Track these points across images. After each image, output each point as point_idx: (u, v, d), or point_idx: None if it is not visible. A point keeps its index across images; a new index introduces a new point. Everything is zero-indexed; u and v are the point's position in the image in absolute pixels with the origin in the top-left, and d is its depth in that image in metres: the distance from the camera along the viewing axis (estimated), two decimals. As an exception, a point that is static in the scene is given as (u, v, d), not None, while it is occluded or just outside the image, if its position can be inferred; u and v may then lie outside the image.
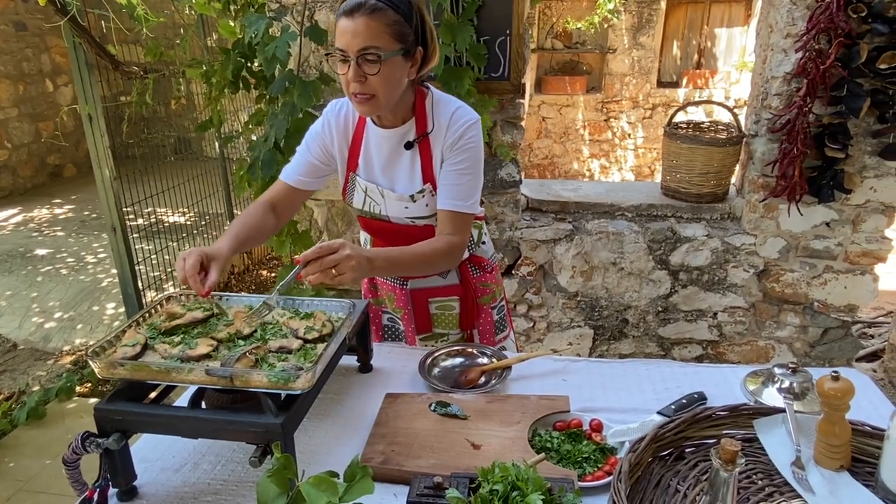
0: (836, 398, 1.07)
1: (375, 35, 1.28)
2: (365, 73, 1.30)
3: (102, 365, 1.09)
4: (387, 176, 1.52)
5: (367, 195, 1.55)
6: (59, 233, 5.38)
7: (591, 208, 2.82)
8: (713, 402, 1.37)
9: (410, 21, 1.33)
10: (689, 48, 7.64)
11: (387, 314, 1.79)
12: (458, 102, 1.50)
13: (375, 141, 1.51)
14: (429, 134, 1.47)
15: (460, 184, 1.46)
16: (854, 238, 2.60)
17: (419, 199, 1.49)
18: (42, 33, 6.78)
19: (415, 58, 1.38)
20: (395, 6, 1.29)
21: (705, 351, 2.92)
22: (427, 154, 1.48)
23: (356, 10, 1.27)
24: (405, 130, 1.48)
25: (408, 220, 1.54)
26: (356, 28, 1.27)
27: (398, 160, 1.50)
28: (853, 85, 2.29)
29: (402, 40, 1.32)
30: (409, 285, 1.68)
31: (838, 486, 1.08)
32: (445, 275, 1.68)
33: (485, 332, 1.78)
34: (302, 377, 1.05)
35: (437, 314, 1.72)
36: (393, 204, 1.52)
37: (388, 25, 1.29)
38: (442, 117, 1.46)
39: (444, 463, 1.15)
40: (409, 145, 1.47)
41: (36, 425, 2.95)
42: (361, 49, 1.28)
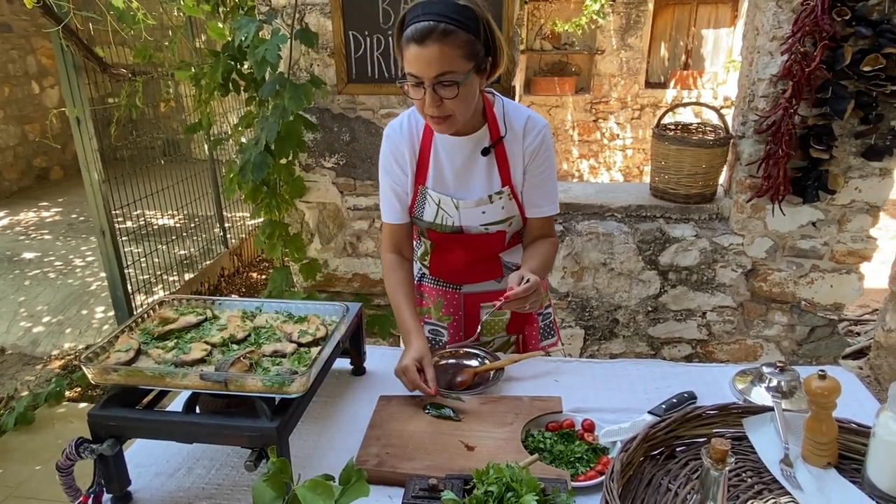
0: (823, 396, 1.09)
1: (450, 60, 1.26)
2: (441, 98, 1.30)
3: (96, 371, 1.09)
4: (461, 183, 1.51)
5: (441, 208, 1.52)
6: (47, 236, 5.33)
7: (581, 209, 2.84)
8: (703, 401, 1.39)
9: (480, 36, 1.31)
10: (676, 49, 7.70)
11: (429, 325, 1.74)
12: (527, 108, 1.52)
13: (446, 150, 1.49)
14: (503, 138, 1.48)
15: (548, 189, 1.53)
16: (840, 238, 2.64)
17: (496, 200, 1.49)
18: (28, 35, 6.72)
19: (485, 69, 1.37)
20: (465, 26, 1.27)
21: (695, 350, 2.95)
22: (503, 158, 1.48)
23: (427, 36, 1.24)
24: (479, 137, 1.47)
25: (482, 227, 1.53)
26: (430, 56, 1.25)
27: (473, 166, 1.50)
28: (838, 87, 2.32)
29: (474, 58, 1.30)
30: (463, 290, 1.67)
31: (826, 483, 1.09)
32: (500, 279, 1.67)
33: (530, 337, 1.76)
34: (296, 381, 1.06)
35: (488, 321, 1.69)
36: (468, 213, 1.51)
37: (461, 48, 1.27)
38: (516, 123, 1.47)
39: (438, 464, 1.16)
40: (486, 151, 1.47)
41: (25, 431, 2.93)
42: (437, 76, 1.27)
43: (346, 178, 2.89)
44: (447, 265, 1.64)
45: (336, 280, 3.08)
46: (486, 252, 1.61)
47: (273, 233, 2.59)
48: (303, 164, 2.88)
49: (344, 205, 2.94)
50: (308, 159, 2.87)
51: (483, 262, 1.63)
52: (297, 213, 2.93)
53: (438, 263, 1.66)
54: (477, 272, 1.64)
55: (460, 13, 1.27)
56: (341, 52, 2.60)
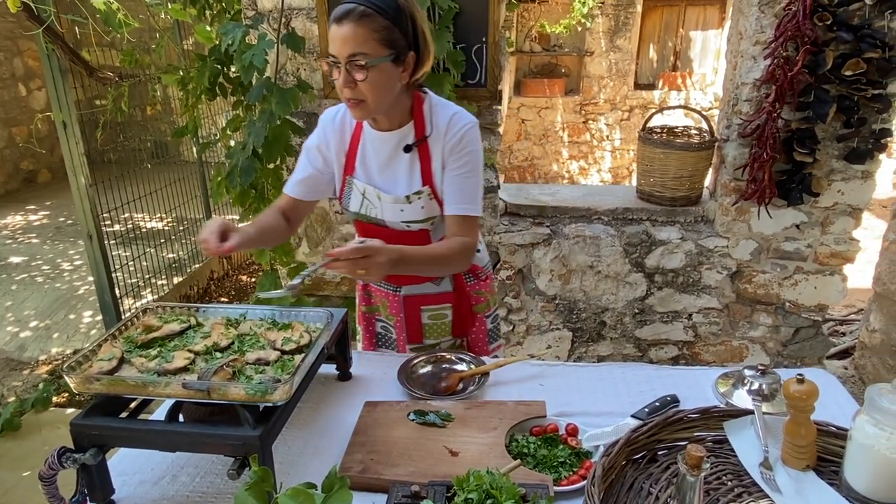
0: (801, 400, 1.11)
1: (363, 41, 1.30)
2: (354, 79, 1.32)
3: (78, 380, 1.09)
4: (384, 178, 1.53)
5: (365, 197, 1.55)
6: (34, 240, 5.29)
7: (569, 212, 2.85)
8: (685, 404, 1.40)
9: (401, 26, 1.34)
10: (665, 51, 7.75)
11: (380, 322, 1.79)
12: (456, 107, 1.52)
13: (373, 144, 1.52)
14: (427, 137, 1.48)
15: (465, 187, 1.50)
16: (823, 240, 2.67)
17: (415, 200, 1.50)
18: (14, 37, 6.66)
19: (406, 63, 1.38)
20: (383, 12, 1.31)
21: (681, 351, 2.97)
22: (426, 157, 1.49)
23: (345, 16, 1.29)
24: (404, 133, 1.49)
25: (403, 224, 1.54)
26: (345, 34, 1.29)
27: (396, 162, 1.51)
28: (820, 91, 2.34)
29: (392, 46, 1.33)
30: (403, 292, 1.69)
31: (804, 486, 1.11)
32: (439, 282, 1.69)
33: (477, 340, 1.78)
34: (279, 389, 1.06)
35: (430, 324, 1.72)
36: (389, 207, 1.53)
37: (376, 31, 1.30)
38: (440, 121, 1.48)
39: (422, 471, 1.16)
40: (408, 148, 1.49)
41: (11, 437, 2.91)
42: (350, 55, 1.30)
43: (334, 181, 2.89)
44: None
45: (324, 284, 3.07)
46: None
47: (261, 237, 2.58)
48: (290, 169, 2.87)
49: (332, 209, 2.94)
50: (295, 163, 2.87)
51: None
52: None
53: None
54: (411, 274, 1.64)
55: (383, 1, 1.31)
56: (328, 56, 2.59)
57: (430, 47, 1.43)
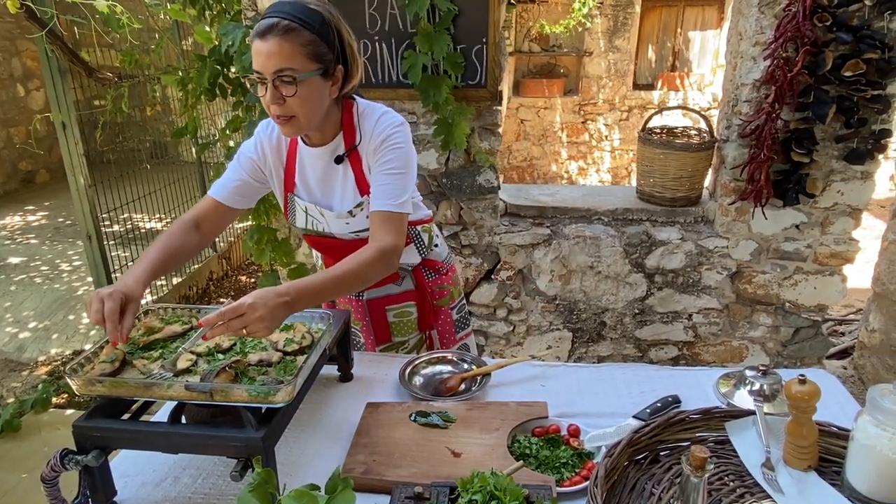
0: (803, 401, 1.11)
1: (289, 56, 1.26)
2: (282, 95, 1.28)
3: (80, 382, 1.09)
4: (324, 193, 1.51)
5: (308, 214, 1.54)
6: (33, 240, 5.28)
7: (569, 213, 2.86)
8: (687, 404, 1.40)
9: (327, 40, 1.31)
10: (663, 51, 7.75)
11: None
12: (384, 108, 1.49)
13: (309, 160, 1.50)
14: (357, 146, 1.46)
15: (388, 183, 1.43)
16: (823, 240, 2.67)
17: (358, 213, 1.49)
18: (12, 37, 6.65)
19: (335, 76, 1.36)
20: (309, 26, 1.27)
21: (681, 352, 2.97)
22: (358, 165, 1.47)
23: (269, 31, 1.25)
24: (335, 146, 1.47)
25: (352, 234, 1.54)
26: (270, 49, 1.25)
27: (332, 176, 1.49)
28: (819, 92, 2.35)
29: (319, 60, 1.30)
30: (365, 296, 1.69)
31: (807, 486, 1.11)
32: (400, 282, 1.69)
33: (444, 332, 1.80)
34: (282, 391, 1.06)
35: (396, 322, 1.74)
36: (334, 221, 1.52)
37: (303, 46, 1.27)
38: (367, 126, 1.45)
39: (424, 472, 1.16)
40: (339, 159, 1.46)
41: (11, 438, 2.90)
42: (276, 71, 1.26)
43: (334, 182, 2.89)
44: None
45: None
46: None
47: (261, 238, 2.58)
48: (290, 169, 2.87)
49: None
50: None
51: None
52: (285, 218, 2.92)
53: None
54: None
55: (307, 14, 1.28)
56: (328, 56, 2.59)
57: (358, 61, 1.41)
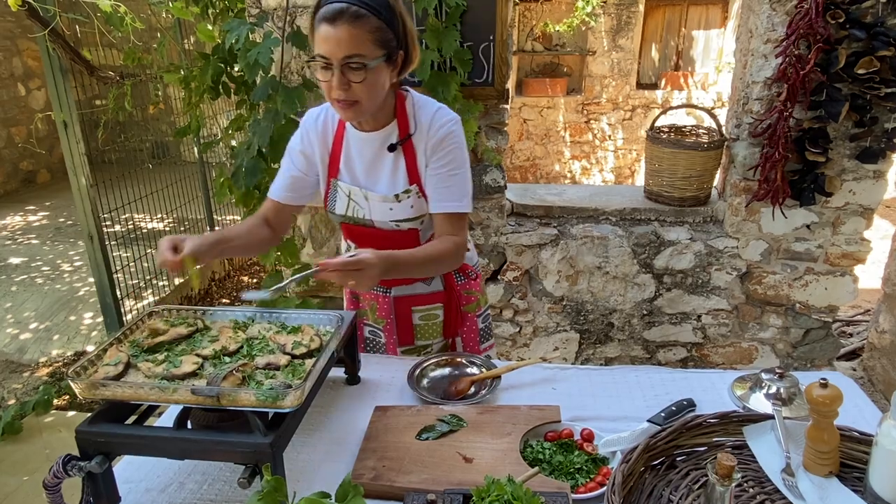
0: (824, 405, 1.08)
1: (359, 43, 1.27)
2: (349, 81, 1.30)
3: (84, 386, 1.06)
4: (370, 178, 1.51)
5: (351, 199, 1.53)
6: (34, 241, 5.26)
7: (576, 213, 2.83)
8: (701, 408, 1.37)
9: (392, 26, 1.32)
10: (667, 50, 7.72)
11: (368, 326, 1.76)
12: (438, 104, 1.50)
13: (357, 145, 1.50)
14: (411, 136, 1.46)
15: (452, 184, 1.47)
16: (834, 240, 2.64)
17: (404, 198, 1.48)
18: (13, 36, 6.63)
19: (396, 62, 1.37)
20: (377, 12, 1.28)
21: (690, 353, 2.94)
22: (411, 156, 1.47)
23: (339, 17, 1.26)
24: (388, 133, 1.47)
25: (392, 223, 1.52)
26: (339, 36, 1.26)
27: (381, 162, 1.49)
28: (832, 90, 2.31)
29: (385, 46, 1.32)
30: (393, 293, 1.67)
31: (828, 493, 1.08)
32: (430, 282, 1.67)
33: (469, 339, 1.77)
34: (291, 395, 1.03)
35: (421, 325, 1.71)
36: (377, 206, 1.51)
37: (371, 32, 1.28)
38: (423, 119, 1.46)
39: (435, 478, 1.13)
40: (392, 147, 1.47)
41: (12, 440, 2.87)
42: (346, 57, 1.27)
43: (338, 181, 2.86)
44: None
45: (329, 285, 3.04)
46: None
47: (265, 238, 2.55)
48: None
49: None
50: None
51: None
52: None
53: None
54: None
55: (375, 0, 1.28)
56: (333, 54, 2.56)
57: (417, 46, 1.42)
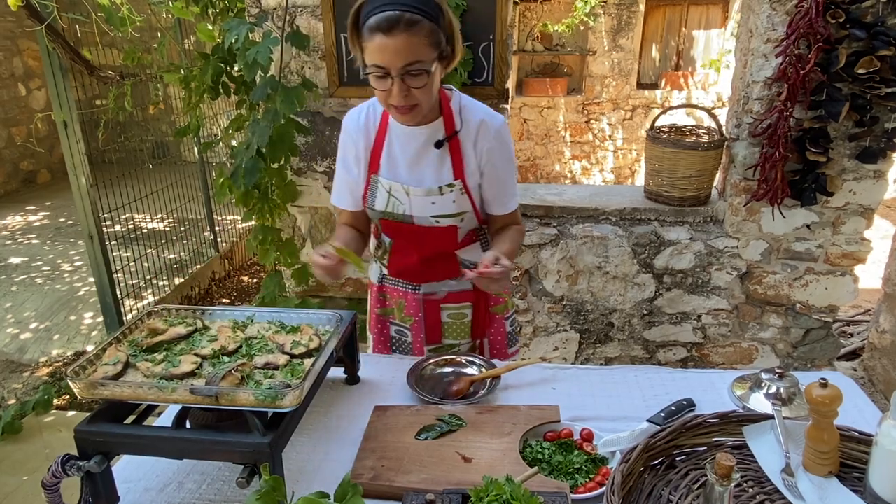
0: (824, 405, 1.08)
1: (418, 49, 1.28)
2: (409, 87, 1.31)
3: (82, 385, 1.06)
4: (413, 173, 1.52)
5: (391, 195, 1.53)
6: (34, 240, 5.26)
7: (576, 212, 2.82)
8: (701, 407, 1.37)
9: (442, 25, 1.33)
10: (667, 50, 7.72)
11: (394, 325, 1.75)
12: (484, 106, 1.53)
13: (400, 140, 1.50)
14: (458, 133, 1.48)
15: (508, 185, 1.56)
16: (834, 240, 2.64)
17: (447, 192, 1.49)
18: (14, 36, 6.64)
19: (446, 59, 1.38)
20: (428, 15, 1.29)
21: (690, 353, 2.94)
22: (457, 152, 1.49)
23: (394, 26, 1.25)
24: (434, 129, 1.48)
25: (432, 219, 1.53)
26: (397, 45, 1.26)
27: (425, 157, 1.50)
28: (832, 89, 2.31)
29: (439, 46, 1.33)
30: (422, 290, 1.67)
31: (828, 493, 1.08)
32: (459, 279, 1.67)
33: (496, 342, 1.76)
34: (289, 395, 1.03)
35: (449, 322, 1.70)
36: (418, 201, 1.51)
37: (427, 37, 1.29)
38: (472, 119, 1.48)
39: (434, 477, 1.13)
40: (439, 144, 1.48)
41: (12, 440, 2.87)
42: (406, 65, 1.28)
43: (338, 181, 2.86)
44: (404, 262, 1.64)
45: (328, 285, 3.04)
46: (439, 247, 1.59)
47: (266, 238, 2.55)
48: (294, 169, 2.85)
49: (336, 209, 2.90)
50: (300, 163, 2.84)
51: (439, 260, 1.62)
52: (290, 218, 2.89)
53: (396, 261, 1.66)
54: (434, 270, 1.64)
55: (422, 2, 1.28)
56: (332, 54, 2.57)
57: (460, 39, 1.42)
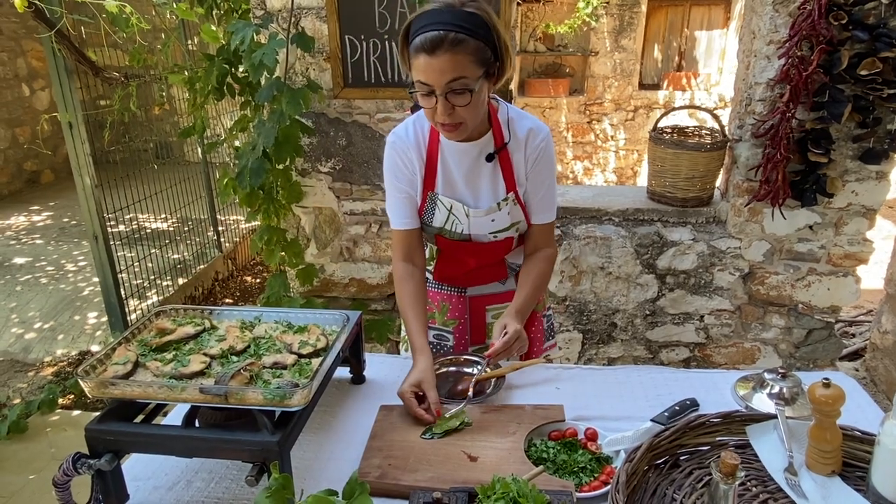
0: (827, 405, 1.08)
1: (462, 68, 1.26)
2: (453, 105, 1.29)
3: (93, 384, 1.07)
4: (470, 189, 1.51)
5: (452, 213, 1.52)
6: (38, 240, 5.28)
7: (579, 213, 2.83)
8: (705, 407, 1.38)
9: (489, 42, 1.30)
10: (669, 50, 7.72)
11: (433, 330, 1.73)
12: (531, 116, 1.53)
13: (453, 156, 1.49)
14: (507, 145, 1.48)
15: (548, 196, 1.54)
16: (836, 241, 2.64)
17: (504, 206, 1.50)
18: (18, 37, 6.66)
19: (494, 75, 1.36)
20: (473, 33, 1.26)
21: (692, 353, 2.95)
22: (508, 164, 1.49)
23: (438, 45, 1.24)
24: (484, 143, 1.47)
25: (490, 235, 1.54)
26: (442, 65, 1.25)
27: (479, 172, 1.50)
28: (835, 91, 2.32)
29: (485, 64, 1.30)
30: (469, 293, 1.68)
31: (831, 492, 1.09)
32: (504, 281, 1.68)
33: (535, 339, 1.74)
34: (298, 394, 1.04)
35: (493, 323, 1.69)
36: (478, 221, 1.51)
37: (472, 55, 1.27)
38: (519, 130, 1.48)
39: (440, 476, 1.14)
40: (490, 157, 1.47)
41: (18, 439, 2.89)
42: (449, 83, 1.27)
43: (342, 182, 2.88)
44: (452, 270, 1.65)
45: (333, 285, 3.06)
46: (492, 258, 1.62)
47: (271, 239, 2.57)
48: (299, 169, 2.86)
49: (340, 209, 2.92)
50: (304, 164, 2.86)
51: (488, 266, 1.64)
52: (294, 219, 2.91)
53: (444, 269, 1.66)
54: (482, 275, 1.66)
55: (468, 20, 1.26)
56: (337, 56, 2.58)
57: (512, 54, 1.40)
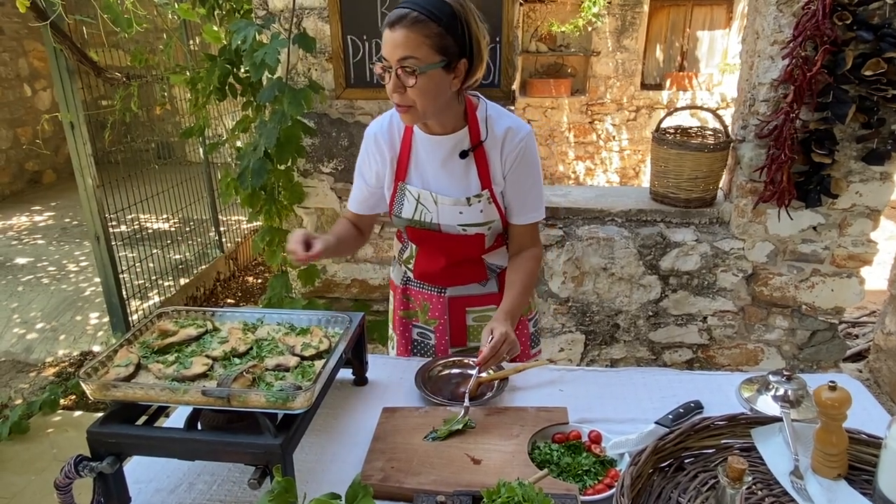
0: (833, 408, 1.08)
1: (414, 47, 1.28)
2: (403, 84, 1.31)
3: (95, 387, 1.06)
4: (440, 181, 1.52)
5: (420, 202, 1.53)
6: (40, 241, 5.29)
7: (582, 214, 2.82)
8: (709, 410, 1.37)
9: (454, 33, 1.31)
10: (671, 51, 7.71)
11: (417, 328, 1.75)
12: (511, 115, 1.53)
13: (425, 148, 1.51)
14: (483, 142, 1.48)
15: (532, 195, 1.54)
16: (840, 242, 2.63)
17: (475, 202, 1.50)
18: (20, 37, 6.67)
19: (458, 70, 1.36)
20: (437, 18, 1.28)
21: (696, 355, 2.94)
22: (483, 162, 1.49)
23: (398, 21, 1.28)
24: (459, 138, 1.48)
25: (459, 227, 1.53)
26: (396, 39, 1.28)
27: (451, 166, 1.50)
28: (839, 91, 2.31)
29: (444, 53, 1.31)
30: (448, 293, 1.67)
31: (836, 495, 1.08)
32: (485, 283, 1.68)
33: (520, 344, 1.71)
34: (301, 396, 1.03)
35: (474, 325, 1.70)
36: (447, 210, 1.51)
37: (428, 38, 1.29)
38: (497, 129, 1.47)
39: (444, 479, 1.14)
40: (464, 154, 1.48)
41: (19, 440, 2.89)
42: (400, 59, 1.29)
43: (344, 183, 2.87)
44: (430, 267, 1.65)
45: (334, 286, 3.05)
46: (466, 254, 1.60)
47: (273, 239, 2.56)
48: (301, 170, 2.85)
49: (342, 210, 2.91)
50: (306, 165, 2.85)
51: (465, 265, 1.63)
52: (296, 219, 2.91)
53: (422, 266, 1.66)
54: (460, 274, 1.65)
55: (437, 7, 1.29)
56: (339, 56, 2.57)
57: (484, 56, 1.41)
